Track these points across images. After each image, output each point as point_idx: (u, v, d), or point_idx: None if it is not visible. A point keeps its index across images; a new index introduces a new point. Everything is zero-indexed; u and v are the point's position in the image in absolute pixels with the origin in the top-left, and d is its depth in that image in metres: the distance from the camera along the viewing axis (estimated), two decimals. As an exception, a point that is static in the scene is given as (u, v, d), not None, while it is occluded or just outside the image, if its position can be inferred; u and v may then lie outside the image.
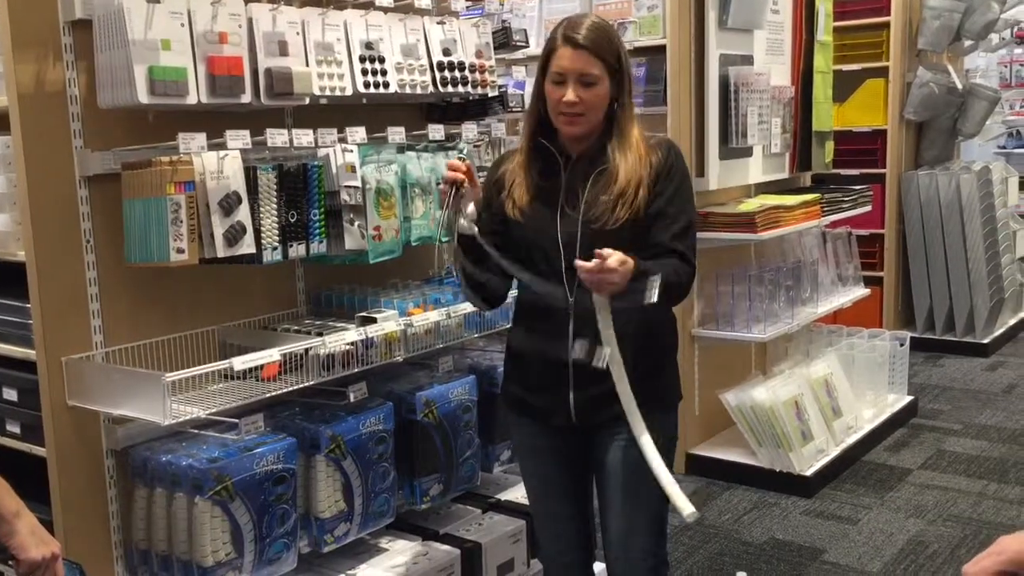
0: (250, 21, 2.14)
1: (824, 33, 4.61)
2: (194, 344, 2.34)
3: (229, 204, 2.08)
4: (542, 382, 2.12)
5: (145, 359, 2.23)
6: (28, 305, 2.11)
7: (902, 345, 4.78)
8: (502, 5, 4.40)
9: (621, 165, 2.02)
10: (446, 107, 2.79)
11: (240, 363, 2.05)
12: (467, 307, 2.55)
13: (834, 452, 4.16)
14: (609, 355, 1.95)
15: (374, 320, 2.36)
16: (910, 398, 4.87)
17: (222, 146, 2.06)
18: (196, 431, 2.22)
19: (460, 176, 2.02)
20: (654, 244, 2.01)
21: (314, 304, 2.61)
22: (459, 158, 2.21)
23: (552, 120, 2.07)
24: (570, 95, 1.99)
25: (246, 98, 2.13)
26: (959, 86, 5.84)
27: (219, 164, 2.07)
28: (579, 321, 2.02)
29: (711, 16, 3.99)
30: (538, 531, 2.33)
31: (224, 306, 2.42)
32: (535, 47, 4.39)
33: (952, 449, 4.41)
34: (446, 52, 2.57)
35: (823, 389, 4.28)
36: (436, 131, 2.51)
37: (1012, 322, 6.23)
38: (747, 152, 4.24)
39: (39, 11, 2.03)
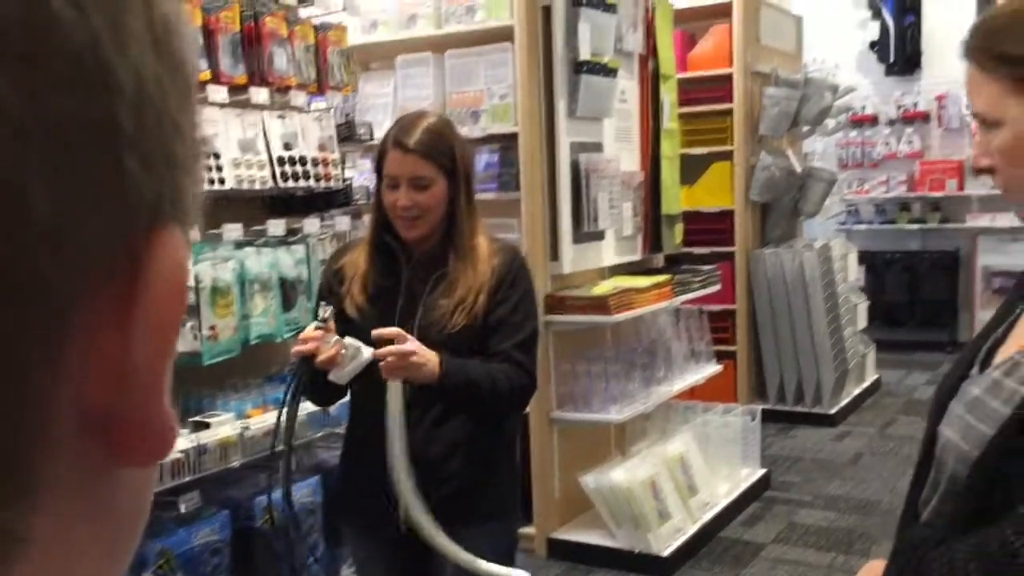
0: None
1: (670, 120, 4.80)
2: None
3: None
4: (365, 494, 2.05)
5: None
6: None
7: (753, 419, 4.91)
8: (353, 93, 4.41)
9: (460, 271, 2.01)
10: (290, 200, 2.74)
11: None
12: (310, 406, 2.47)
13: (691, 530, 4.21)
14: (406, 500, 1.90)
15: (207, 425, 2.25)
16: (763, 471, 5.00)
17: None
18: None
19: (310, 348, 1.91)
20: (495, 352, 2.00)
21: (146, 407, 2.48)
22: (316, 326, 1.96)
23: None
24: (403, 199, 1.97)
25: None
26: (798, 169, 6.17)
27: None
28: (411, 418, 1.98)
29: (560, 105, 4.09)
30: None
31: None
32: (389, 132, 4.41)
33: (803, 521, 4.54)
34: (287, 146, 2.54)
35: (679, 467, 4.35)
36: (276, 226, 2.46)
37: (856, 392, 6.52)
38: (599, 236, 4.34)
39: None
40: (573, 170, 4.15)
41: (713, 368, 4.94)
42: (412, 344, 1.86)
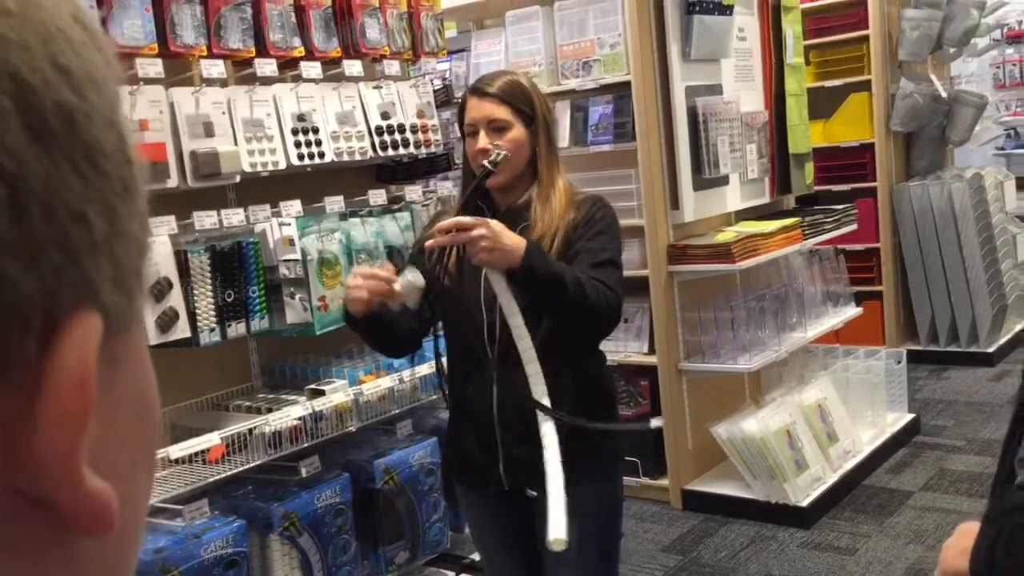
0: (172, 105, 2.15)
1: (794, 55, 4.57)
2: (143, 428, 2.32)
3: (159, 290, 2.08)
4: (471, 448, 2.08)
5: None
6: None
7: (899, 363, 4.69)
8: (465, 51, 4.41)
9: (539, 215, 2.01)
10: (395, 167, 2.79)
11: (177, 451, 2.04)
12: (422, 370, 2.52)
13: (831, 479, 4.08)
14: (529, 362, 1.87)
15: (322, 392, 2.34)
16: (911, 416, 4.78)
17: (149, 233, 2.05)
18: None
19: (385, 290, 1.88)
20: None
21: (269, 377, 2.60)
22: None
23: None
24: (482, 142, 1.98)
25: (172, 182, 2.13)
26: (943, 94, 5.78)
27: (147, 251, 2.06)
28: (502, 382, 1.98)
29: (674, 49, 3.97)
30: (498, 601, 2.29)
31: (176, 386, 2.41)
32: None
33: (954, 467, 4.32)
34: (384, 116, 2.57)
35: (816, 415, 4.21)
36: (378, 196, 2.50)
37: (1018, 328, 6.11)
38: (722, 181, 4.21)
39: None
40: (690, 115, 4.03)
41: (852, 311, 4.73)
42: (493, 224, 1.84)
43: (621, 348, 4.25)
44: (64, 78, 0.30)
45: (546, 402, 1.88)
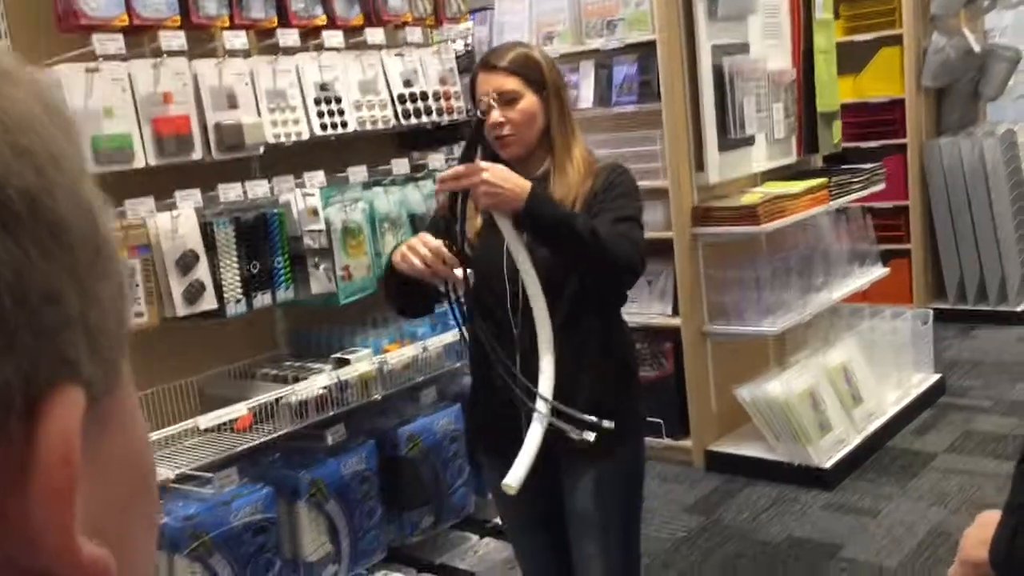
0: (195, 78, 2.15)
1: (823, 11, 4.48)
2: (174, 397, 2.37)
3: (186, 263, 2.10)
4: (494, 417, 2.09)
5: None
6: None
7: (925, 323, 4.66)
8: (489, 10, 4.36)
9: (556, 182, 2.00)
10: (418, 134, 2.78)
11: (206, 422, 2.07)
12: (445, 338, 2.54)
13: (855, 441, 4.08)
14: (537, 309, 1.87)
15: (347, 362, 2.36)
16: (937, 376, 4.75)
17: (173, 206, 2.07)
18: (175, 485, 2.25)
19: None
20: None
21: (294, 345, 2.63)
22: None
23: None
24: (494, 116, 1.98)
25: (196, 155, 2.14)
26: (976, 48, 5.65)
27: (173, 223, 2.08)
28: (526, 351, 1.99)
29: (700, 7, 3.91)
30: (521, 565, 2.32)
31: (203, 355, 2.44)
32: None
33: (980, 428, 4.30)
34: (407, 83, 2.56)
35: (841, 377, 4.20)
36: (401, 165, 2.50)
37: (1048, 287, 6.03)
38: (748, 141, 4.16)
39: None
40: (716, 75, 3.98)
41: (879, 271, 4.70)
42: (489, 168, 1.84)
43: (644, 310, 4.25)
44: (25, 160, 0.30)
45: (547, 365, 1.88)
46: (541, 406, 1.86)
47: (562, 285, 1.98)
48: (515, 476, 1.80)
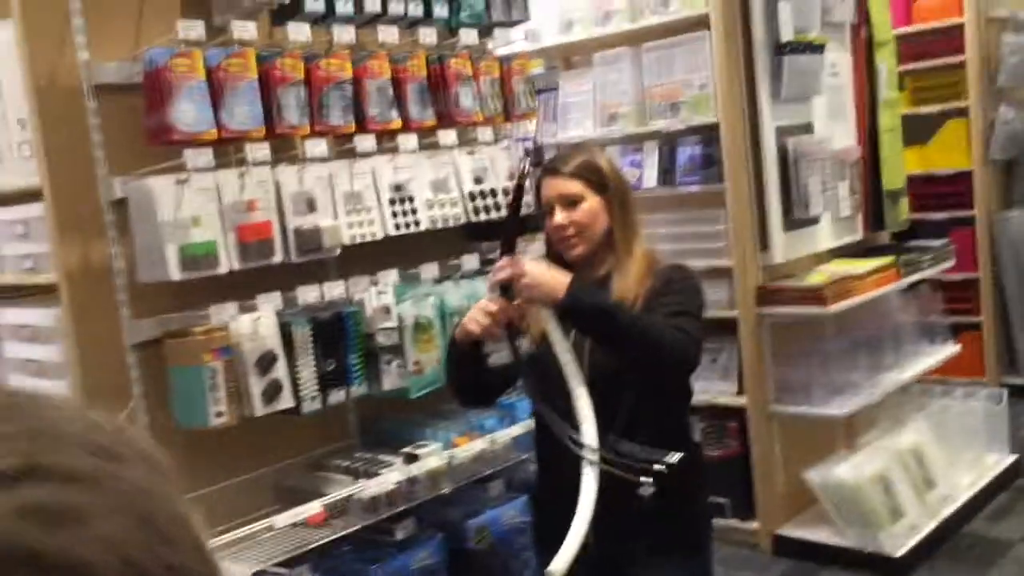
0: (277, 184, 2.23)
1: (888, 89, 4.49)
2: (249, 489, 2.42)
3: (265, 363, 2.16)
4: (559, 516, 2.10)
5: (200, 510, 2.32)
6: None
7: (999, 403, 4.55)
8: (554, 91, 4.45)
9: (617, 282, 2.03)
10: (487, 227, 2.83)
11: (282, 520, 2.11)
12: (513, 431, 2.56)
13: (928, 527, 3.98)
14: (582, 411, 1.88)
15: (417, 457, 2.40)
16: (1013, 457, 4.62)
17: (254, 308, 2.14)
18: (251, 581, 2.29)
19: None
20: None
21: (365, 435, 2.67)
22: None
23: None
24: (558, 218, 2.03)
25: (277, 258, 2.21)
26: (1046, 121, 5.58)
27: (254, 326, 2.15)
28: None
29: (763, 90, 3.94)
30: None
31: (277, 447, 2.50)
32: (591, 130, 4.42)
33: (1060, 515, 4.17)
34: (477, 180, 2.62)
35: (913, 459, 4.12)
36: (470, 261, 2.56)
37: (1125, 362, 5.85)
38: (814, 220, 4.15)
39: (83, 194, 2.16)
40: (780, 155, 3.99)
41: (950, 349, 4.62)
42: (528, 264, 1.90)
43: (710, 388, 4.23)
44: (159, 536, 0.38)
45: (590, 438, 1.89)
46: (589, 477, 1.86)
47: (621, 387, 1.99)
48: (561, 559, 1.75)
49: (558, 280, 1.89)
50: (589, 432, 1.88)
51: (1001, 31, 5.55)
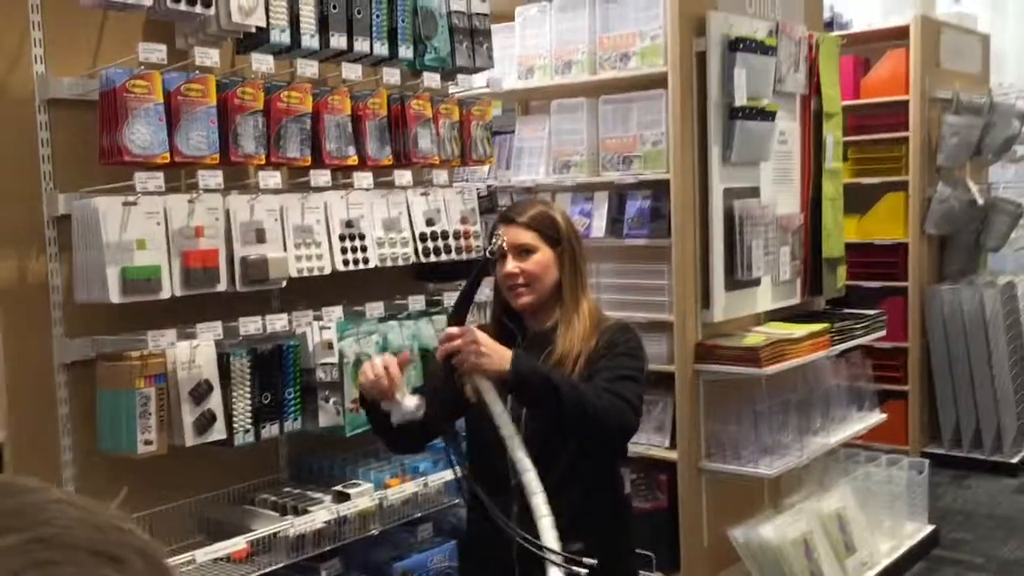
0: (228, 212, 2.21)
1: (833, 160, 4.61)
2: (172, 519, 2.36)
3: (200, 393, 2.13)
4: (487, 568, 2.09)
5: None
6: (6, 487, 2.16)
7: (921, 473, 4.66)
8: (510, 135, 4.49)
9: (562, 339, 2.05)
10: (434, 269, 2.83)
11: (203, 555, 2.07)
12: (446, 474, 2.55)
13: (846, 592, 4.04)
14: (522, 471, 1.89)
15: (348, 496, 2.37)
16: (931, 527, 4.73)
17: (195, 335, 2.11)
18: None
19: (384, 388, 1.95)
20: None
21: (296, 469, 2.63)
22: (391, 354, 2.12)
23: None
24: (509, 266, 2.06)
25: (221, 287, 2.18)
26: (980, 201, 5.80)
27: (191, 354, 2.12)
28: (523, 506, 2.00)
29: (714, 152, 4.02)
30: None
31: (203, 476, 2.45)
32: (544, 175, 4.46)
33: (972, 588, 4.27)
34: (429, 222, 2.63)
35: (835, 524, 4.19)
36: (417, 302, 2.55)
37: (1043, 439, 6.04)
38: (755, 282, 4.23)
39: (25, 207, 2.11)
40: (727, 217, 4.07)
41: (876, 417, 4.71)
42: (476, 334, 1.90)
43: (643, 440, 4.25)
44: None
45: (549, 533, 1.89)
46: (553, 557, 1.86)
47: (558, 447, 2.01)
48: None
49: (504, 352, 1.91)
50: (547, 530, 1.87)
51: (944, 111, 5.76)
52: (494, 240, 2.07)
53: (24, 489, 0.40)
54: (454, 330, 1.93)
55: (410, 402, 1.93)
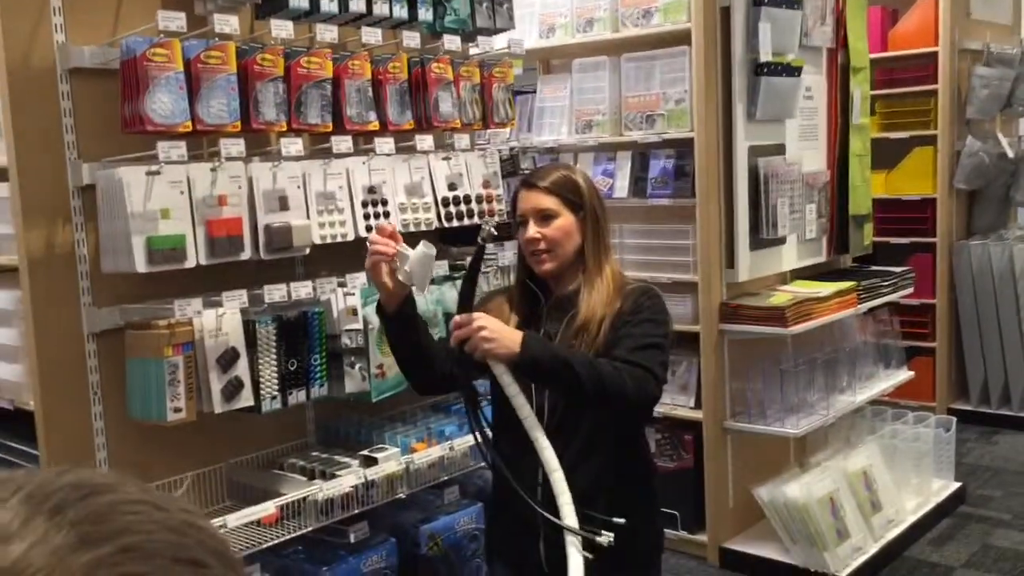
0: (250, 180, 2.21)
1: (860, 115, 4.54)
2: (202, 484, 2.40)
3: (227, 360, 2.14)
4: (512, 528, 2.11)
5: (152, 502, 2.29)
6: (37, 452, 2.20)
7: (947, 431, 4.64)
8: (531, 95, 4.44)
9: (584, 304, 2.05)
10: (458, 232, 2.83)
11: (234, 520, 2.10)
12: (471, 438, 2.56)
13: (872, 549, 4.05)
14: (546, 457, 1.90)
15: (375, 460, 2.39)
16: (957, 484, 4.72)
17: (220, 303, 2.12)
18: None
19: (386, 251, 1.98)
20: (612, 359, 1.98)
21: (323, 434, 2.66)
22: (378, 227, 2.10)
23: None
24: (531, 232, 2.06)
25: (245, 255, 2.19)
26: (1010, 154, 5.69)
27: (217, 322, 2.13)
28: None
29: (739, 109, 3.97)
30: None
31: (232, 442, 2.48)
32: (566, 135, 4.43)
33: (999, 544, 4.26)
34: (451, 187, 2.61)
35: (861, 483, 4.18)
36: (440, 266, 2.55)
37: (1073, 395, 5.99)
38: (780, 241, 4.19)
39: (50, 177, 2.12)
40: (752, 175, 4.03)
41: (903, 375, 4.69)
42: (483, 320, 1.90)
43: (667, 400, 4.26)
44: None
45: (568, 509, 1.90)
46: (572, 541, 1.88)
47: (578, 418, 2.02)
48: None
49: (514, 335, 1.91)
50: (566, 506, 1.89)
51: (974, 63, 5.64)
52: (483, 227, 2.04)
53: (98, 488, 0.40)
54: (461, 318, 1.93)
55: (422, 247, 1.93)
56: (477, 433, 2.04)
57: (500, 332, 1.91)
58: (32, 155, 2.09)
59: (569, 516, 1.90)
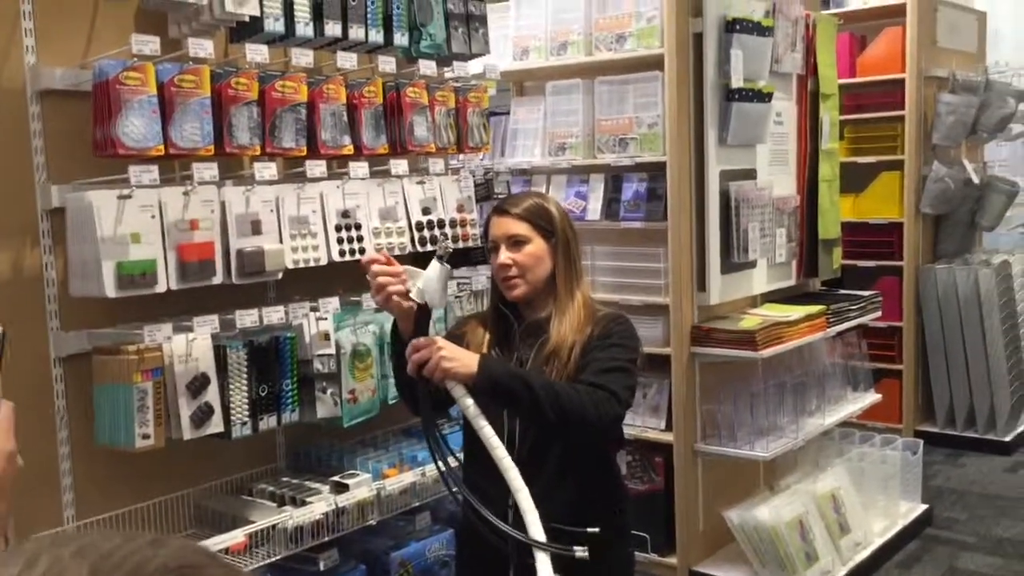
0: (223, 204, 2.19)
1: (829, 141, 4.60)
2: (168, 510, 2.36)
3: (197, 386, 2.12)
4: (483, 556, 2.10)
5: (119, 529, 2.26)
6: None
7: (914, 454, 4.68)
8: (505, 116, 4.46)
9: (555, 330, 2.05)
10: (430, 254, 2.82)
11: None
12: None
13: (841, 572, 4.07)
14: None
15: (346, 487, 2.37)
16: (924, 507, 4.76)
17: (191, 328, 2.10)
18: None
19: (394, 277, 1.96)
20: (578, 382, 1.98)
21: (294, 459, 2.63)
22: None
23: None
24: (502, 257, 2.05)
25: (217, 279, 2.17)
26: (975, 179, 5.79)
27: (188, 347, 2.11)
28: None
29: (711, 134, 4.00)
30: None
31: (201, 467, 2.45)
32: (539, 157, 4.44)
33: (965, 567, 4.30)
34: (425, 211, 2.61)
35: (830, 505, 4.21)
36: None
37: (1036, 418, 6.08)
38: (751, 265, 4.22)
39: (19, 199, 2.09)
40: (723, 200, 4.06)
41: (871, 397, 4.73)
42: (441, 342, 1.91)
43: (638, 423, 4.27)
44: None
45: (535, 529, 1.89)
46: (542, 559, 1.87)
47: (548, 443, 2.02)
48: None
49: (472, 356, 1.91)
50: (533, 524, 1.88)
51: (940, 90, 5.74)
52: (439, 245, 2.03)
53: (117, 544, 0.42)
54: (419, 341, 1.92)
55: (431, 267, 1.90)
56: (438, 461, 2.02)
57: (456, 353, 1.91)
58: (0, 176, 2.06)
59: (538, 534, 1.89)
